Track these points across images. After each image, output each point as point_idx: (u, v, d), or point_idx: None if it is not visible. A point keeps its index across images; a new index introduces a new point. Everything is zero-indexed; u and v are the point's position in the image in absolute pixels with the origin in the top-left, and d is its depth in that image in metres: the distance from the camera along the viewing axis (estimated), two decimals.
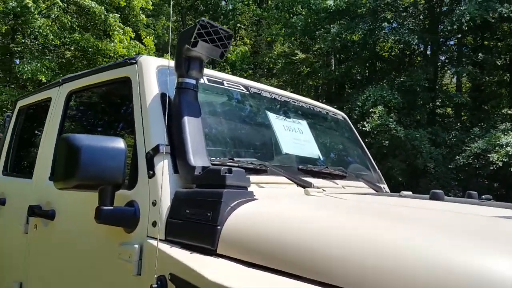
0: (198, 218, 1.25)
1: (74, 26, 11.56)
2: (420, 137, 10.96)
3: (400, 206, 1.42)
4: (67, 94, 2.27)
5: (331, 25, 13.58)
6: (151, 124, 1.53)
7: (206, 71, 1.83)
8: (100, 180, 1.35)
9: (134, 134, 1.60)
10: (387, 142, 10.99)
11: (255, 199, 1.30)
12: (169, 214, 1.36)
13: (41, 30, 10.29)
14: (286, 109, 2.21)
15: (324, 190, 1.66)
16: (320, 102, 2.69)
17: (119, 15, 11.46)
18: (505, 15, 10.03)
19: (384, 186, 2.52)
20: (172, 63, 1.68)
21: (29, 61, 10.42)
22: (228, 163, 1.60)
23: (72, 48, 11.88)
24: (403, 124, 12.13)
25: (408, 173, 11.44)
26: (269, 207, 1.25)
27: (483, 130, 10.13)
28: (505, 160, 7.99)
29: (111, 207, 1.39)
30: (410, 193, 2.05)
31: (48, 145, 2.22)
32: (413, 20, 13.80)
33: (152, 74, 1.67)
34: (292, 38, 16.38)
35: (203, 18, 1.47)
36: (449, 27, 13.18)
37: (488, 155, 8.45)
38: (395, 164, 11.20)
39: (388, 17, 14.37)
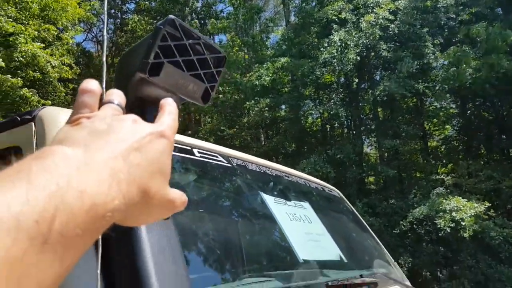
0: None
1: None
2: (357, 211, 10.79)
3: None
4: None
5: (260, 98, 13.73)
6: None
7: None
8: None
9: None
10: None
11: None
12: None
13: None
14: (282, 188, 1.49)
15: None
16: None
17: (36, 91, 10.25)
18: (421, 91, 10.90)
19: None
20: None
21: None
22: None
23: None
24: None
25: None
26: None
27: (419, 196, 10.27)
28: (452, 225, 7.91)
29: None
30: None
31: None
32: (335, 96, 14.55)
33: None
34: (222, 116, 16.32)
35: (171, 16, 0.73)
36: (365, 103, 14.12)
37: (434, 221, 8.36)
38: None
39: (311, 93, 15.04)
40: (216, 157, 1.25)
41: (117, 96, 0.44)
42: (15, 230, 0.25)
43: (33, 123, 0.90)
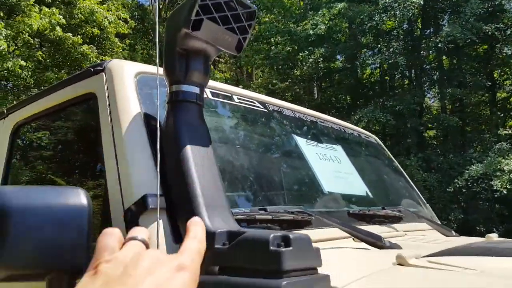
0: None
1: (48, 64, 10.97)
2: (410, 165, 10.40)
3: None
4: (13, 127, 1.65)
5: (314, 48, 13.29)
6: (131, 163, 0.94)
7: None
8: (45, 265, 0.72)
9: (105, 181, 0.99)
10: None
11: None
12: None
13: (11, 72, 9.64)
14: (316, 132, 1.65)
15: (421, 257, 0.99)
16: None
17: (95, 47, 10.93)
18: (489, 33, 9.96)
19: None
20: (160, 70, 1.09)
21: None
22: (260, 217, 1.00)
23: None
24: (393, 153, 11.76)
25: None
26: None
27: (478, 152, 9.77)
28: (509, 187, 7.50)
29: None
30: (496, 235, 1.52)
31: None
32: (395, 44, 13.70)
33: (129, 85, 1.08)
34: (274, 69, 16.16)
35: None
36: (429, 50, 13.17)
37: (490, 182, 7.98)
38: None
39: (370, 41, 14.29)
40: (254, 103, 1.43)
41: (140, 231, 0.43)
42: None
43: (103, 73, 1.13)
